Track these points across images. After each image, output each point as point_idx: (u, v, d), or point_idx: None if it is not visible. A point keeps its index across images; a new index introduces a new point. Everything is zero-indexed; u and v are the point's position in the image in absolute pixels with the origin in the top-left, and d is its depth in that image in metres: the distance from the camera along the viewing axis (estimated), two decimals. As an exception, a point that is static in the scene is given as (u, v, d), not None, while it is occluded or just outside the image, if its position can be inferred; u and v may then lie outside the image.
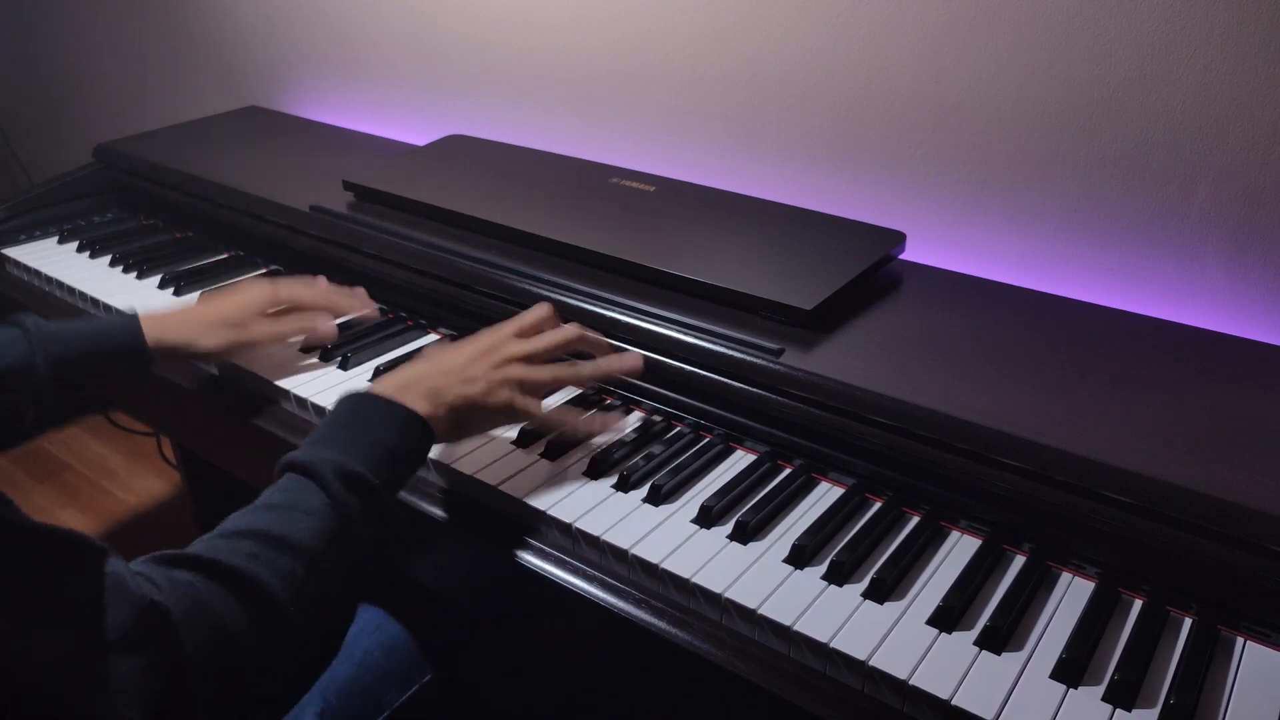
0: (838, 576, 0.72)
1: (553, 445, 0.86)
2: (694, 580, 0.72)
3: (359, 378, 0.99)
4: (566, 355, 0.90)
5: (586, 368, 0.87)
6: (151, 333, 0.95)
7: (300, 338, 1.04)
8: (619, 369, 0.88)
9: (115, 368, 0.95)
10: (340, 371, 1.00)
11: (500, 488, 0.82)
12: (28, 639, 0.50)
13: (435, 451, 0.84)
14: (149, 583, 0.57)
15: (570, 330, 0.88)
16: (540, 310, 0.89)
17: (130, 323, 0.95)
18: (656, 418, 0.92)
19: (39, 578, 0.52)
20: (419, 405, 0.76)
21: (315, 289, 1.05)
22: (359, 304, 1.06)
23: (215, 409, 1.01)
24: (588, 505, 0.80)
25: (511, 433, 0.89)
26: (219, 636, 0.58)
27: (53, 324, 0.93)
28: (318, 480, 0.68)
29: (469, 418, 0.80)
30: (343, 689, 0.87)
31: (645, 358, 0.91)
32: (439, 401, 0.77)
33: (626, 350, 0.91)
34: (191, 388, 1.04)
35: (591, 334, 0.90)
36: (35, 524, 0.53)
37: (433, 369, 0.80)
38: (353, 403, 0.76)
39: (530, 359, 0.84)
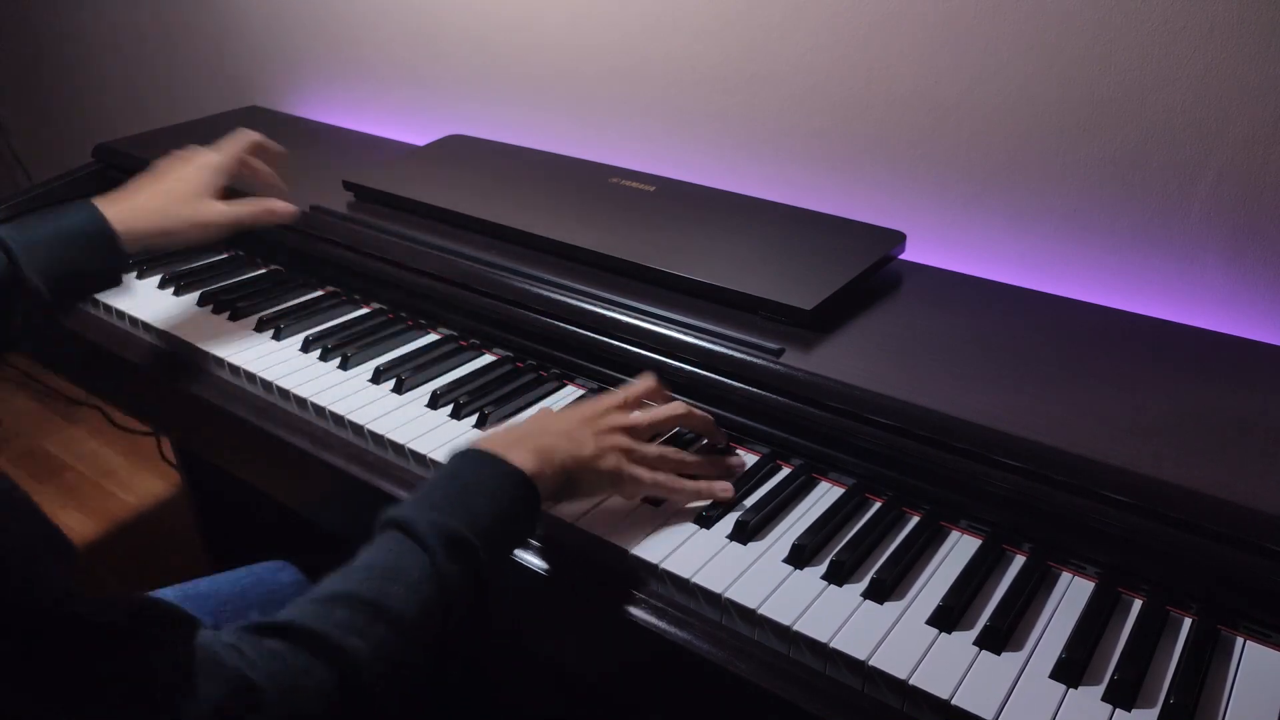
0: (838, 576, 0.72)
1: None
2: (694, 580, 0.72)
3: (358, 377, 0.99)
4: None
5: (692, 459, 0.83)
6: (112, 216, 0.96)
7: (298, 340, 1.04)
8: (723, 469, 0.84)
9: (92, 261, 0.95)
10: (340, 371, 1.00)
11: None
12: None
13: (440, 452, 0.83)
14: (239, 654, 0.55)
15: (677, 407, 0.84)
16: (646, 382, 0.86)
17: (89, 210, 0.96)
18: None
19: (126, 659, 0.51)
20: (528, 464, 0.72)
21: (240, 139, 1.10)
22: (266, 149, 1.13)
23: (214, 409, 1.01)
24: (587, 506, 0.80)
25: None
26: (307, 708, 0.56)
27: (22, 226, 0.93)
28: (421, 544, 0.65)
29: (577, 480, 0.76)
30: None
31: (643, 358, 0.91)
32: (547, 461, 0.74)
33: (733, 446, 0.87)
34: (191, 387, 1.04)
35: (698, 413, 0.85)
36: (130, 598, 0.52)
37: (540, 429, 0.78)
38: (463, 460, 0.73)
39: (635, 432, 0.81)
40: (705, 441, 0.88)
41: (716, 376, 0.88)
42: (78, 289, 0.98)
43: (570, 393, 0.96)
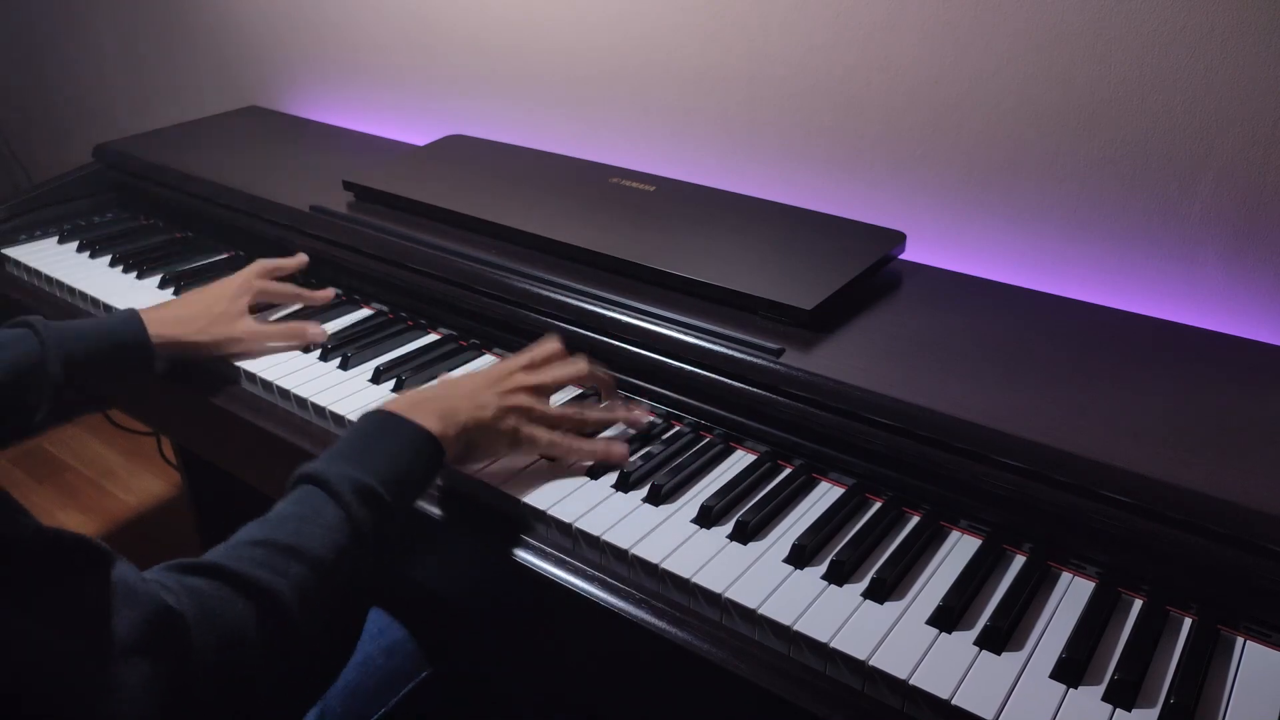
0: (838, 576, 0.72)
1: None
2: (694, 580, 0.72)
3: (358, 377, 0.99)
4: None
5: (592, 414, 0.88)
6: (152, 327, 0.98)
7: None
8: (624, 419, 0.89)
9: (122, 364, 0.98)
10: (340, 371, 1.00)
11: (501, 488, 0.82)
12: (36, 644, 0.50)
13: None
14: (162, 588, 0.58)
15: (579, 366, 0.89)
16: (549, 344, 0.91)
17: (132, 318, 0.99)
18: (656, 418, 0.92)
19: (47, 583, 0.52)
20: (432, 424, 0.77)
21: (285, 286, 1.11)
22: (321, 297, 1.13)
23: (215, 409, 1.01)
24: (588, 505, 0.80)
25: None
26: (229, 642, 0.59)
27: (58, 323, 0.95)
28: (332, 493, 0.69)
29: (478, 441, 0.81)
30: (341, 689, 0.87)
31: (644, 358, 0.92)
32: (451, 422, 0.79)
33: (633, 402, 0.91)
34: (191, 387, 1.04)
35: (601, 371, 0.91)
36: (44, 529, 0.53)
37: (446, 392, 0.83)
38: (370, 420, 0.78)
39: (538, 390, 0.86)
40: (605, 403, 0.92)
41: (716, 376, 0.88)
42: (98, 384, 1.00)
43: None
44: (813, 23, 1.11)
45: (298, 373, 1.00)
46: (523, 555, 0.79)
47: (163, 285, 1.21)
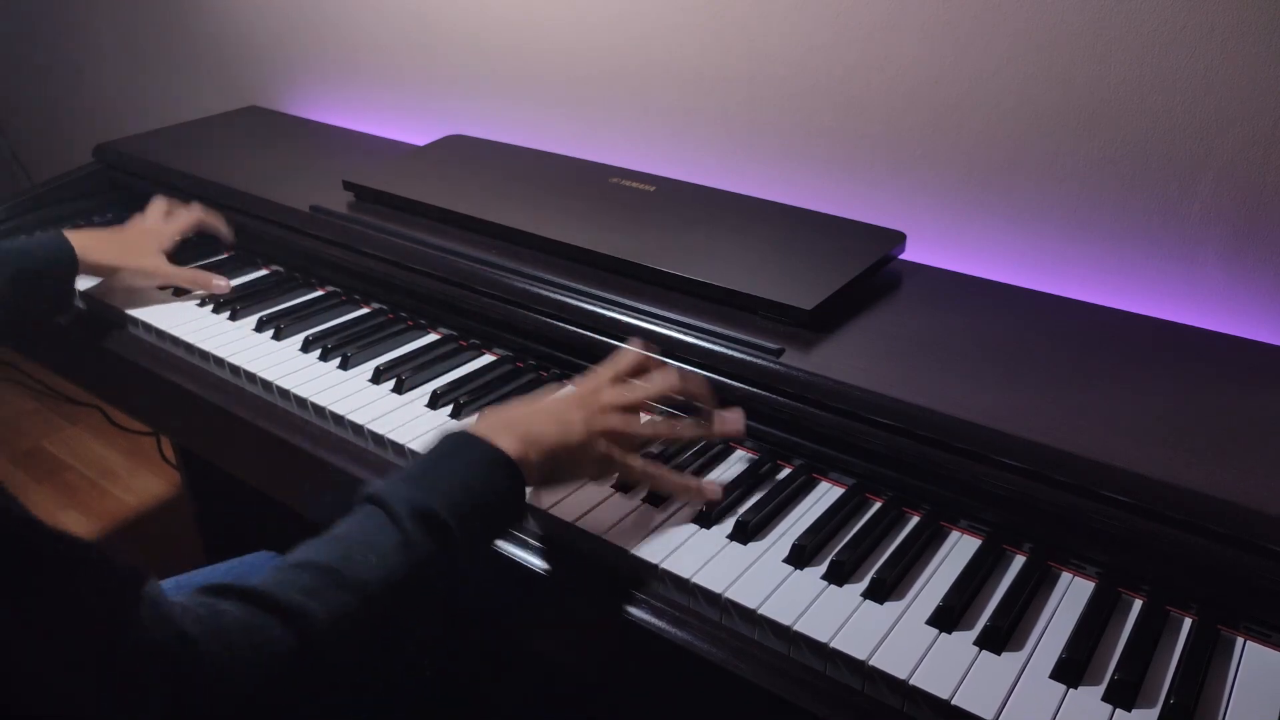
0: (838, 576, 0.72)
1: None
2: (694, 580, 0.72)
3: (358, 377, 0.99)
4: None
5: (687, 432, 0.83)
6: (79, 247, 1.10)
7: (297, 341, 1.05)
8: (720, 433, 0.84)
9: (46, 281, 1.09)
10: (340, 371, 1.00)
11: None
12: (33, 658, 0.50)
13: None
14: (184, 610, 0.56)
15: (670, 379, 0.83)
16: (634, 353, 0.85)
17: (59, 238, 1.10)
18: (656, 418, 0.92)
19: (57, 598, 0.51)
20: (511, 446, 0.72)
21: (190, 213, 1.24)
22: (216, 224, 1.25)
23: (214, 409, 1.01)
24: (587, 505, 0.80)
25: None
26: (252, 667, 0.57)
27: None
28: (392, 517, 0.66)
29: (563, 466, 0.76)
30: None
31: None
32: (534, 446, 0.73)
33: (733, 410, 0.85)
34: (191, 387, 1.04)
35: (694, 382, 0.84)
36: (69, 537, 0.52)
37: (530, 413, 0.77)
38: (445, 441, 0.73)
39: (629, 409, 0.80)
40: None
41: (716, 376, 0.88)
42: (31, 293, 1.09)
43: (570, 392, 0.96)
44: (813, 23, 1.11)
45: (297, 373, 1.00)
46: (515, 551, 0.78)
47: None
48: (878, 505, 0.80)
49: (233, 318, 1.11)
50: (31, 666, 0.50)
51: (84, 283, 1.16)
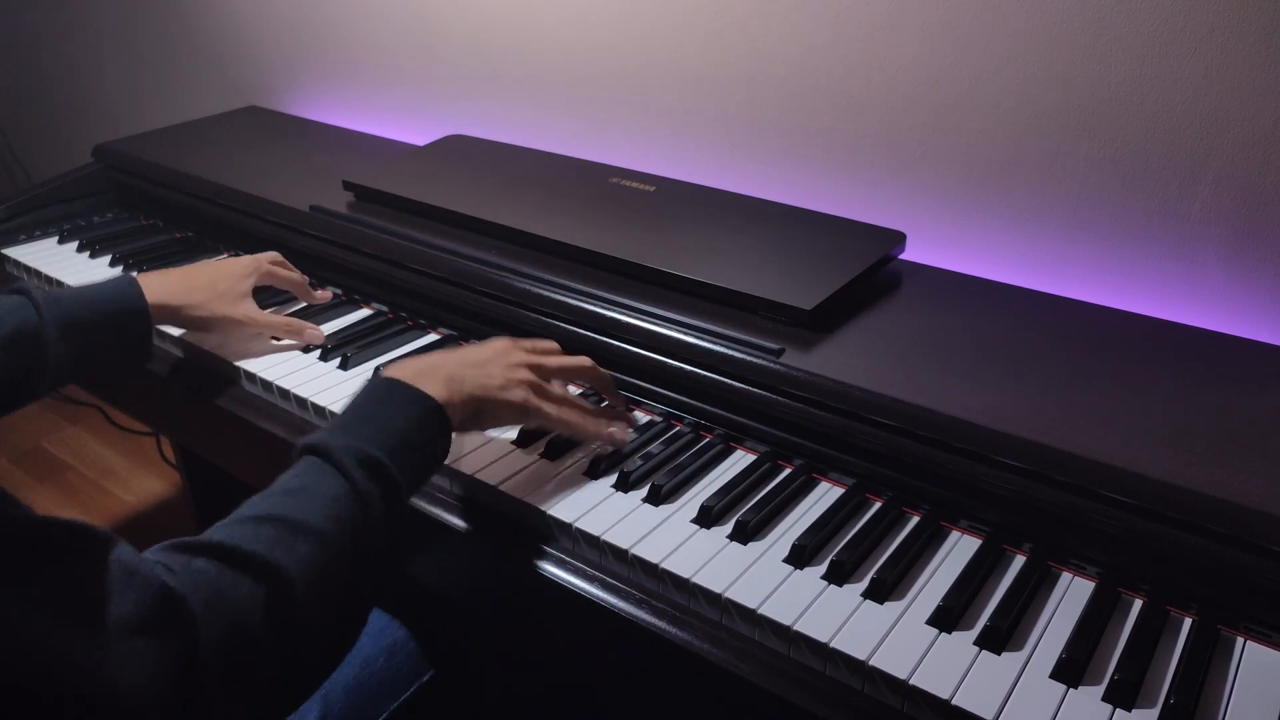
0: (838, 576, 0.72)
1: (553, 445, 0.87)
2: (694, 580, 0.72)
3: (359, 378, 0.99)
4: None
5: (591, 409, 0.87)
6: (150, 294, 0.97)
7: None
8: (619, 420, 0.88)
9: (119, 329, 0.96)
10: (340, 371, 1.00)
11: (500, 488, 0.82)
12: (38, 629, 0.50)
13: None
14: (165, 569, 0.57)
15: (583, 359, 0.88)
16: (550, 343, 0.90)
17: (130, 284, 0.97)
18: (656, 417, 0.92)
19: (45, 568, 0.52)
20: (437, 391, 0.75)
21: (293, 273, 1.11)
22: (316, 294, 1.14)
23: (215, 409, 1.01)
24: (588, 505, 0.80)
25: (511, 433, 0.89)
26: (235, 622, 0.58)
27: (53, 290, 0.94)
28: (337, 465, 0.67)
29: (485, 409, 0.79)
30: (343, 689, 0.87)
31: (644, 358, 0.91)
32: (456, 389, 0.77)
33: (623, 424, 0.89)
34: (191, 387, 1.04)
35: (603, 371, 0.90)
36: (39, 516, 0.53)
37: (451, 358, 0.81)
38: (373, 388, 0.76)
39: (543, 370, 0.85)
40: (605, 402, 0.92)
41: (716, 377, 0.88)
42: (101, 355, 0.97)
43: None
44: (813, 23, 1.11)
45: (298, 373, 1.00)
46: (521, 555, 0.79)
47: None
48: (878, 505, 0.80)
49: (233, 318, 1.11)
50: (27, 639, 0.49)
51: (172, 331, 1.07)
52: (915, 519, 0.79)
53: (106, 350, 0.96)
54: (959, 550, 0.76)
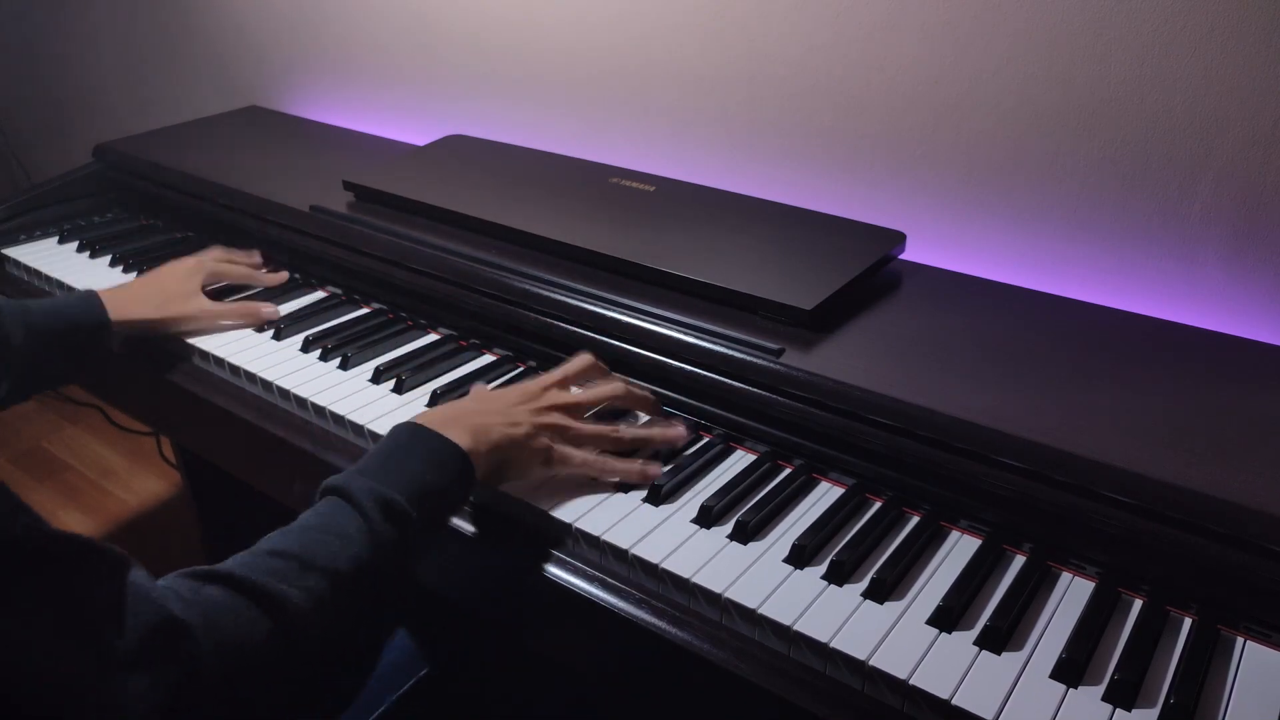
0: (838, 576, 0.72)
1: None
2: (694, 580, 0.72)
3: (358, 377, 0.99)
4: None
5: (628, 433, 0.85)
6: (110, 307, 1.03)
7: (293, 340, 1.05)
8: (660, 439, 0.86)
9: (80, 341, 1.02)
10: (340, 371, 1.00)
11: (501, 488, 0.82)
12: (41, 647, 0.50)
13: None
14: (175, 596, 0.58)
15: (614, 385, 0.88)
16: (583, 360, 0.89)
17: (91, 298, 1.03)
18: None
19: (57, 585, 0.52)
20: (463, 440, 0.76)
21: (239, 266, 1.17)
22: (266, 277, 1.18)
23: (214, 409, 1.01)
24: (588, 505, 0.80)
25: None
26: (237, 651, 0.59)
27: (17, 300, 0.98)
28: (356, 506, 0.69)
29: (510, 458, 0.80)
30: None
31: (643, 358, 0.91)
32: (483, 439, 0.78)
33: (674, 418, 0.89)
34: (191, 388, 1.04)
35: (638, 391, 0.89)
36: (57, 532, 0.53)
37: (479, 407, 0.81)
38: (400, 433, 0.77)
39: (573, 409, 0.84)
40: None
41: (716, 377, 0.88)
42: (57, 361, 1.02)
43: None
44: (813, 23, 1.11)
45: (298, 373, 1.00)
46: (521, 555, 0.79)
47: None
48: (878, 505, 0.80)
49: (233, 318, 1.11)
50: (30, 658, 0.50)
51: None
52: (915, 519, 0.79)
53: (64, 362, 1.02)
54: (959, 550, 0.76)
